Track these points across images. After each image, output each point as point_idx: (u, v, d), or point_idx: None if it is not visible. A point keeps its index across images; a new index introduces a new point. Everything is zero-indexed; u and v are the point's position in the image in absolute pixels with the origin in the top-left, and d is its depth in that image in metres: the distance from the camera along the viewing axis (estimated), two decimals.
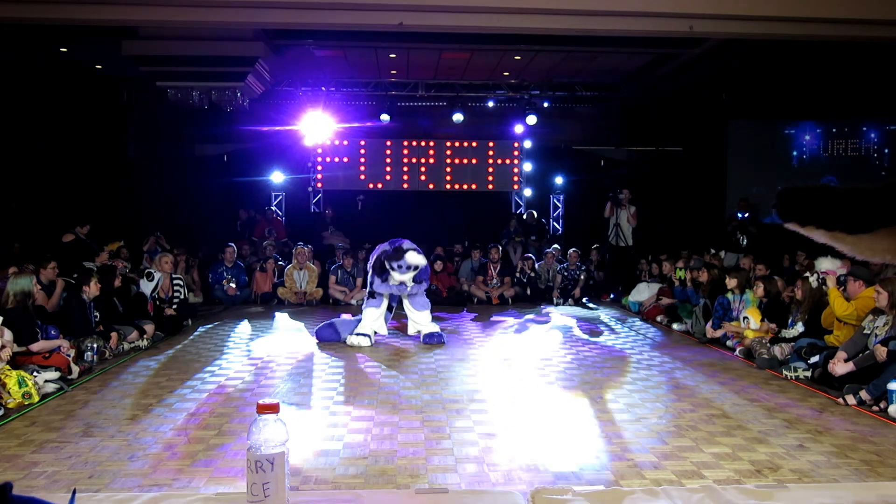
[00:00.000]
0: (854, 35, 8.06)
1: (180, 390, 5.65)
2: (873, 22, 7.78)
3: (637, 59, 11.44)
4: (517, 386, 5.86)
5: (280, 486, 1.47)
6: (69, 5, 7.52)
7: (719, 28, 8.08)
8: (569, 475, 3.82)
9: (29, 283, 5.99)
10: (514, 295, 11.34)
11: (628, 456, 4.12)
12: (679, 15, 7.66)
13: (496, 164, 14.90)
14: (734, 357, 7.09)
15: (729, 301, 7.72)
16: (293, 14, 7.78)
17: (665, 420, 4.85)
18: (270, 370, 6.46)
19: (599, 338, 8.25)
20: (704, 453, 4.17)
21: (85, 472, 3.82)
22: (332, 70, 12.38)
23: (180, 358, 6.97)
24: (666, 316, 9.26)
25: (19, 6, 7.47)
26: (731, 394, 5.59)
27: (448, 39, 9.80)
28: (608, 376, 6.21)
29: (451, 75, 12.68)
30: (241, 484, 3.56)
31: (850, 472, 3.89)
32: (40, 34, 9.24)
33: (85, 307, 7.01)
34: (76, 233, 9.39)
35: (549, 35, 9.15)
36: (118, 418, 4.85)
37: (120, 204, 11.78)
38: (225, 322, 9.27)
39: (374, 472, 3.87)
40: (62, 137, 11.26)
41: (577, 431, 4.61)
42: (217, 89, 10.10)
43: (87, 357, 6.53)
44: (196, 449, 4.21)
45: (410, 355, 7.13)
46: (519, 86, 13.22)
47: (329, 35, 9.62)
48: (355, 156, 14.73)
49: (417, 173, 14.75)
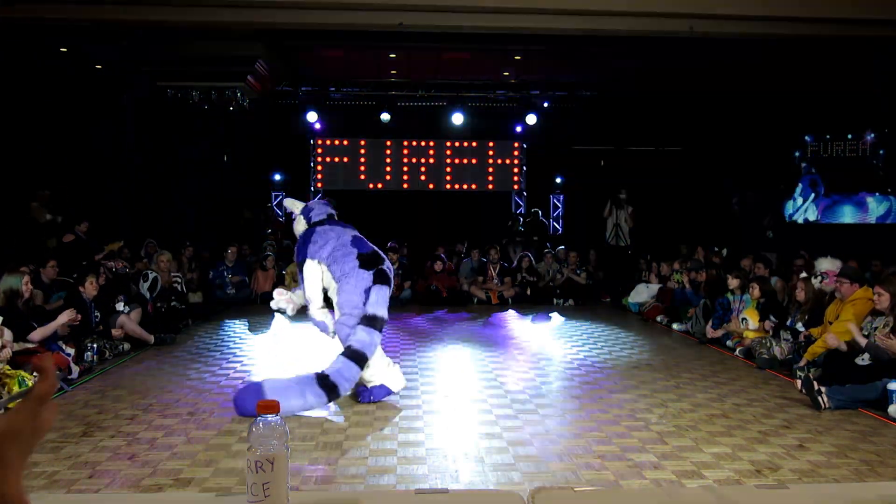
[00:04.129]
0: (854, 35, 8.06)
1: (180, 390, 5.65)
2: (873, 22, 7.78)
3: (637, 59, 11.43)
4: (517, 386, 5.86)
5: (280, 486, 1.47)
6: (69, 5, 7.53)
7: (719, 28, 8.08)
8: (569, 475, 3.82)
9: (17, 282, 5.98)
10: (514, 295, 11.34)
11: (628, 456, 4.12)
12: (679, 15, 7.67)
13: (496, 164, 14.89)
14: (734, 357, 7.09)
15: (729, 301, 7.72)
16: (293, 14, 7.79)
17: (665, 420, 4.85)
18: (270, 370, 6.45)
19: (599, 338, 8.25)
20: (704, 453, 4.17)
21: (85, 472, 3.82)
22: (332, 70, 12.37)
23: (180, 358, 6.96)
24: (666, 316, 9.26)
25: (20, 6, 7.47)
26: (731, 394, 5.59)
27: (448, 39, 9.79)
28: (608, 376, 6.21)
29: (451, 75, 12.68)
30: (241, 484, 3.56)
31: (850, 472, 3.89)
32: (40, 34, 9.23)
33: (85, 307, 7.02)
34: (76, 232, 9.39)
35: (549, 35, 9.15)
36: (118, 418, 4.85)
37: (120, 204, 11.77)
38: (225, 322, 9.27)
39: (374, 472, 3.87)
40: (62, 137, 11.26)
41: (577, 431, 4.61)
42: (217, 89, 10.10)
43: (87, 357, 6.54)
44: (196, 449, 4.21)
45: (410, 355, 7.13)
46: (519, 86, 13.21)
47: (329, 35, 9.62)
48: (355, 156, 14.72)
49: (417, 173, 14.73)
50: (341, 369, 4.89)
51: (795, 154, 13.77)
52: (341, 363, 4.94)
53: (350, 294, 5.22)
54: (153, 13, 7.70)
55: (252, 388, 4.83)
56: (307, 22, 8.05)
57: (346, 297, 5.23)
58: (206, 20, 7.92)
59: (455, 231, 13.42)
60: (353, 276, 5.24)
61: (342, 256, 5.31)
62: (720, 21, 7.84)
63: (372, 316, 5.13)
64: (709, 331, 7.81)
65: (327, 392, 4.77)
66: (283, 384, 4.79)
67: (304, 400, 4.72)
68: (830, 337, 5.59)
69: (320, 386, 4.76)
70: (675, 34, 8.47)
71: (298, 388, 4.72)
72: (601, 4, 7.65)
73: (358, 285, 5.21)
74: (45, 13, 7.59)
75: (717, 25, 7.96)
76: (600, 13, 7.73)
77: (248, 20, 7.94)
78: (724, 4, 7.61)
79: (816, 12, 7.63)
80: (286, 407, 4.54)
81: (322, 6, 7.66)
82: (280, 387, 4.72)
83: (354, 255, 5.31)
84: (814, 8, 7.61)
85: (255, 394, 4.66)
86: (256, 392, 4.68)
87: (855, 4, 7.62)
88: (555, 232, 14.75)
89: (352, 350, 5.01)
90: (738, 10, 7.61)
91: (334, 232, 5.48)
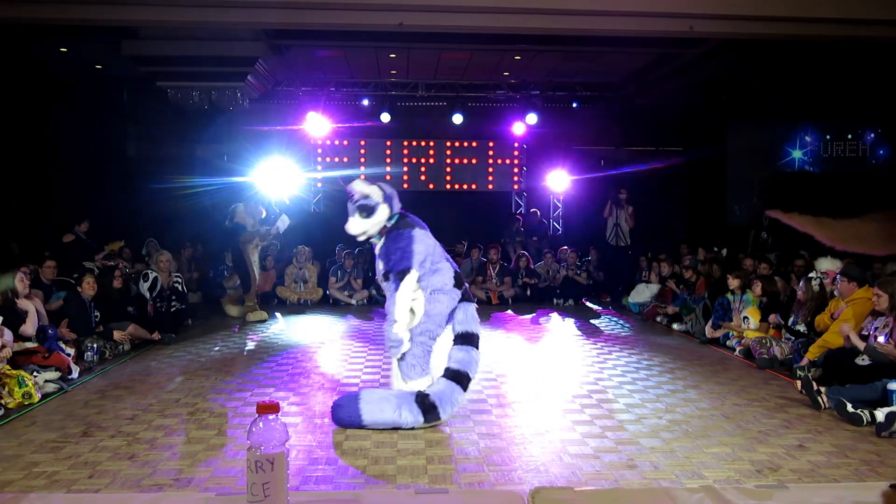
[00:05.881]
0: (854, 35, 8.05)
1: (180, 390, 5.66)
2: (873, 22, 7.78)
3: (637, 59, 11.44)
4: (517, 386, 5.86)
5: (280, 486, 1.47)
6: (69, 5, 7.52)
7: (719, 28, 8.07)
8: (569, 475, 3.82)
9: (12, 282, 5.98)
10: (514, 295, 11.34)
11: (628, 456, 4.12)
12: (679, 15, 7.66)
13: (496, 164, 14.89)
14: (734, 357, 7.09)
15: (729, 301, 7.72)
16: (293, 14, 7.77)
17: (665, 420, 4.85)
18: (270, 370, 6.46)
19: (599, 338, 8.25)
20: (704, 453, 4.17)
21: (85, 472, 3.82)
22: (332, 70, 12.37)
23: (180, 357, 6.96)
24: (666, 316, 9.26)
25: (19, 6, 7.46)
26: (731, 394, 5.59)
27: (448, 39, 9.78)
28: (608, 376, 6.21)
29: (451, 75, 12.68)
30: (241, 484, 3.56)
31: (850, 472, 3.89)
32: (41, 34, 9.23)
33: (85, 307, 7.02)
34: (76, 232, 9.39)
35: (549, 35, 9.14)
36: (118, 418, 4.85)
37: (120, 204, 11.77)
38: (225, 322, 9.27)
39: (374, 472, 3.87)
40: (62, 137, 11.26)
41: (577, 431, 4.61)
42: (217, 89, 10.09)
43: (87, 357, 6.54)
44: (196, 449, 4.21)
45: None
46: (519, 86, 13.21)
47: (329, 35, 9.61)
48: (355, 156, 14.73)
49: (417, 173, 14.74)
50: (443, 391, 4.57)
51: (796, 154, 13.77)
52: (443, 384, 4.59)
53: (440, 314, 4.72)
54: (153, 13, 7.69)
55: (349, 398, 4.70)
56: (307, 22, 8.05)
57: (434, 316, 4.72)
58: (206, 20, 7.91)
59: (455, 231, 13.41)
60: (448, 294, 4.74)
61: (437, 269, 4.78)
62: (720, 21, 7.83)
63: (466, 333, 4.73)
64: (709, 331, 7.81)
65: (424, 412, 4.48)
66: (380, 395, 4.65)
67: (398, 414, 4.46)
68: (845, 326, 5.59)
69: (418, 404, 4.50)
70: (675, 34, 8.47)
71: (396, 402, 4.51)
72: (601, 4, 7.64)
73: (450, 305, 4.75)
74: (45, 13, 7.58)
75: (717, 25, 7.95)
76: (600, 13, 7.72)
77: (248, 20, 7.94)
78: (725, 4, 7.60)
79: (817, 12, 7.62)
80: (378, 419, 4.48)
81: (322, 6, 7.65)
82: (376, 398, 4.58)
83: (451, 272, 4.83)
84: (814, 8, 7.61)
85: (350, 406, 4.55)
86: (351, 404, 4.56)
87: (856, 4, 7.61)
88: (555, 232, 14.75)
89: (452, 371, 4.63)
90: (739, 10, 7.60)
91: (430, 238, 4.87)
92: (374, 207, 4.73)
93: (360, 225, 4.76)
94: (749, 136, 13.27)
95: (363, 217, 4.74)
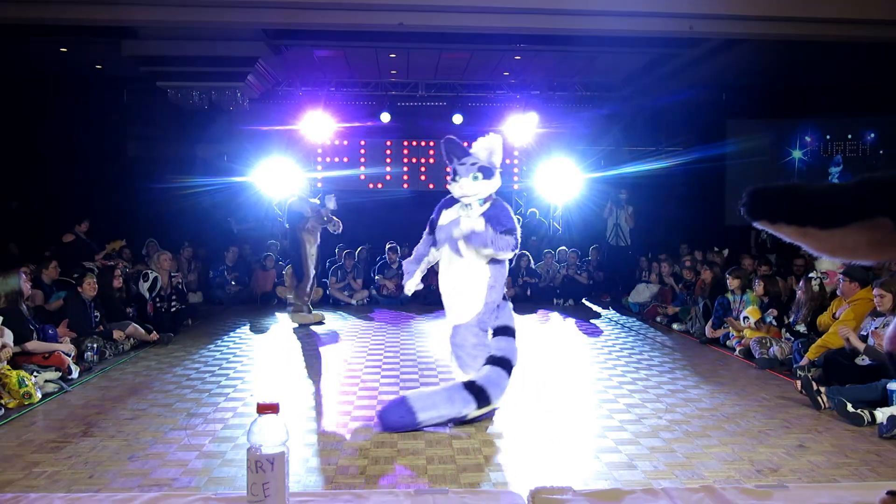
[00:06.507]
0: (854, 35, 8.05)
1: (180, 390, 5.66)
2: (873, 22, 7.77)
3: (637, 59, 11.43)
4: (516, 386, 5.85)
5: (280, 486, 1.47)
6: (69, 5, 7.52)
7: (719, 28, 8.07)
8: (569, 475, 3.82)
9: (17, 283, 5.98)
10: (514, 295, 11.33)
11: (628, 456, 4.12)
12: (679, 15, 7.66)
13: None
14: (734, 357, 7.09)
15: (729, 301, 7.72)
16: (293, 14, 7.77)
17: (665, 420, 4.85)
18: (270, 370, 6.46)
19: (599, 338, 8.25)
20: (704, 453, 4.17)
21: (85, 472, 3.82)
22: (332, 70, 12.37)
23: (180, 358, 6.96)
24: (666, 316, 9.26)
25: (19, 6, 7.47)
26: (731, 394, 5.59)
27: (448, 39, 9.78)
28: (608, 376, 6.21)
29: (450, 75, 12.68)
30: (241, 484, 3.56)
31: (850, 472, 3.89)
32: (41, 34, 9.23)
33: (85, 307, 7.02)
34: (76, 232, 9.39)
35: (549, 35, 9.14)
36: (118, 418, 4.85)
37: (120, 204, 11.77)
38: (225, 322, 9.28)
39: (374, 472, 3.87)
40: (62, 137, 11.26)
41: (577, 431, 4.61)
42: (217, 89, 10.09)
43: (87, 357, 6.54)
44: (196, 449, 4.21)
45: (411, 354, 7.13)
46: (519, 86, 13.21)
47: (329, 35, 9.61)
48: (355, 156, 14.72)
49: (417, 173, 14.73)
50: (489, 374, 4.59)
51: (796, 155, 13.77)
52: (488, 369, 4.60)
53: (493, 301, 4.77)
54: (153, 13, 7.70)
55: (396, 402, 4.63)
56: (307, 22, 8.05)
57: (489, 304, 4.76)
58: (206, 20, 7.91)
59: None
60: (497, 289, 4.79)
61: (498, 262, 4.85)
62: (720, 21, 7.83)
63: (505, 326, 4.80)
64: (709, 331, 7.81)
65: (475, 396, 4.47)
66: (427, 393, 4.68)
67: (452, 405, 4.44)
68: (843, 328, 5.59)
69: (468, 391, 4.49)
70: (675, 34, 8.47)
71: (446, 395, 4.52)
72: (601, 4, 7.64)
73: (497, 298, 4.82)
74: (46, 13, 7.58)
75: (717, 25, 7.95)
76: (600, 13, 7.72)
77: (248, 20, 7.94)
78: (725, 4, 7.60)
79: (817, 12, 7.62)
80: (432, 415, 4.45)
81: (322, 6, 7.65)
82: (425, 395, 4.60)
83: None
84: (814, 8, 7.60)
85: (400, 408, 4.49)
86: (401, 406, 4.51)
87: (856, 4, 7.61)
88: (555, 232, 14.74)
89: (496, 358, 4.65)
90: (739, 10, 7.60)
91: None
92: (494, 172, 4.79)
93: (474, 186, 4.75)
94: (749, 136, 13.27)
95: (483, 179, 4.75)
